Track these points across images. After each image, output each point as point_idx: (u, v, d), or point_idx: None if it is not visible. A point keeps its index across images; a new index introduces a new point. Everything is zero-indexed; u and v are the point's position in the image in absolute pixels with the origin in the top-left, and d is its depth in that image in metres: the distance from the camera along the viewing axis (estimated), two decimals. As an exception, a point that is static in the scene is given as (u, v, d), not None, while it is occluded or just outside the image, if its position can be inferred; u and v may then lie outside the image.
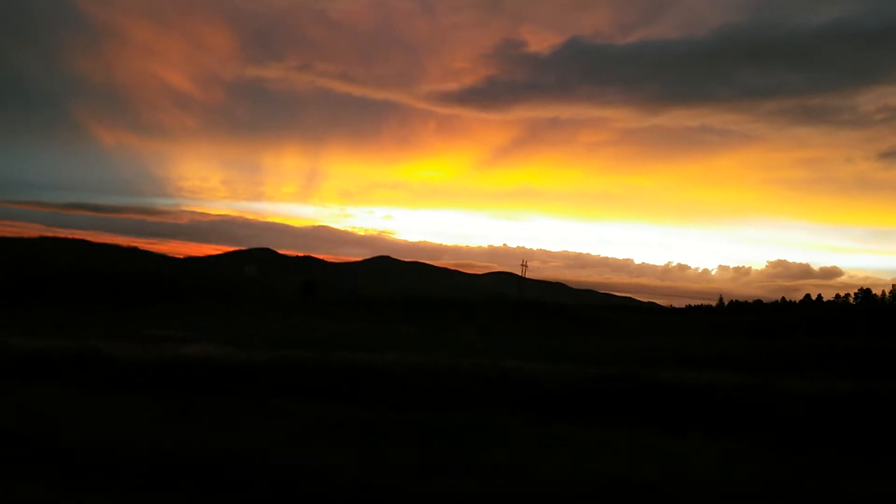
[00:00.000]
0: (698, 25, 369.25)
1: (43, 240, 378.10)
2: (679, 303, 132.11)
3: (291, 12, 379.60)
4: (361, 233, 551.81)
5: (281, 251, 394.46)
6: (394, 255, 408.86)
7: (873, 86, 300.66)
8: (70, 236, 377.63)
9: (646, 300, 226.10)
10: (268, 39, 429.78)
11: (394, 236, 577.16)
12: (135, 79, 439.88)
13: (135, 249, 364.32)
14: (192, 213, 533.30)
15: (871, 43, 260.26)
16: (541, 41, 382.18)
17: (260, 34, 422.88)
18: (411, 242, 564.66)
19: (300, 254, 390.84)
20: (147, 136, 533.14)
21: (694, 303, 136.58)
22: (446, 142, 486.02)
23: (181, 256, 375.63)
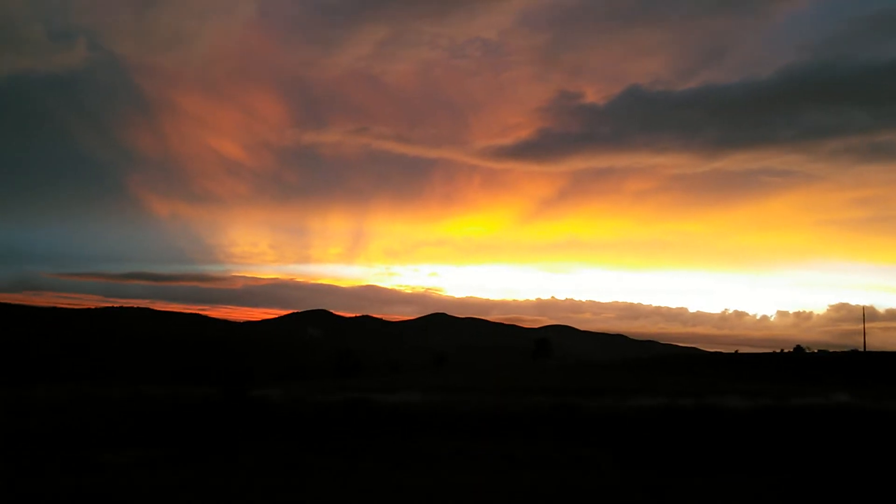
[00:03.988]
0: (761, 66, 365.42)
1: (108, 310, 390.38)
2: (745, 350, 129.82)
3: (346, 79, 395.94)
4: (408, 290, 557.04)
5: (335, 312, 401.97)
6: (445, 312, 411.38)
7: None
8: (131, 305, 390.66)
9: (711, 349, 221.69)
10: (319, 106, 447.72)
11: (440, 293, 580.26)
12: (187, 149, 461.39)
13: (197, 316, 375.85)
14: (244, 277, 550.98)
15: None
16: (598, 91, 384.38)
17: (312, 101, 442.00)
18: (458, 298, 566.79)
19: (354, 314, 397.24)
20: (199, 205, 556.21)
21: (759, 350, 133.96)
22: (492, 197, 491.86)
23: (241, 321, 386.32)
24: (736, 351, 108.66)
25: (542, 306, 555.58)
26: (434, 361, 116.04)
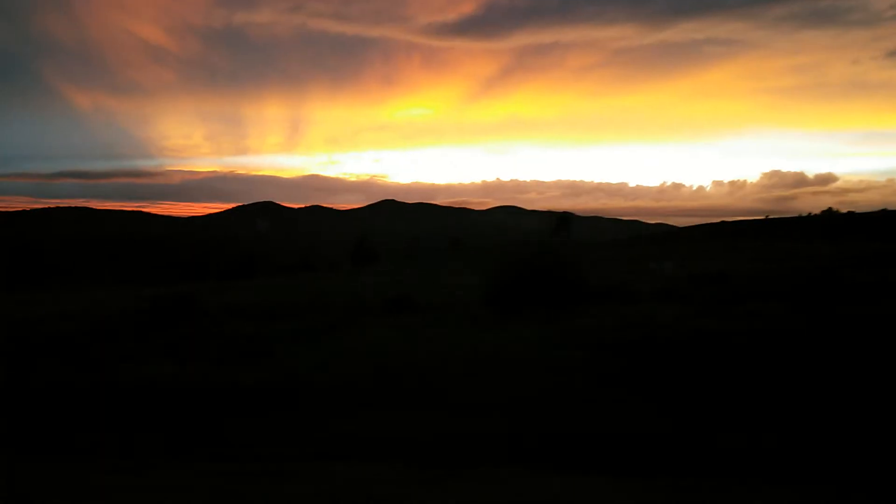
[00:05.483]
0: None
1: (43, 210, 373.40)
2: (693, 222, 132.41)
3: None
4: (353, 178, 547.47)
5: (281, 203, 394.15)
6: (392, 198, 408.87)
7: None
8: (65, 205, 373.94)
9: (652, 221, 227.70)
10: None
11: (386, 179, 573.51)
12: (105, 35, 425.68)
13: (137, 213, 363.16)
14: (180, 171, 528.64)
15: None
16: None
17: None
18: (404, 184, 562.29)
19: (302, 205, 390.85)
20: (123, 96, 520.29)
21: (699, 221, 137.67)
22: (434, 77, 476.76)
23: (185, 216, 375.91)
24: (722, 221, 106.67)
25: (488, 188, 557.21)
26: (451, 245, 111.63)
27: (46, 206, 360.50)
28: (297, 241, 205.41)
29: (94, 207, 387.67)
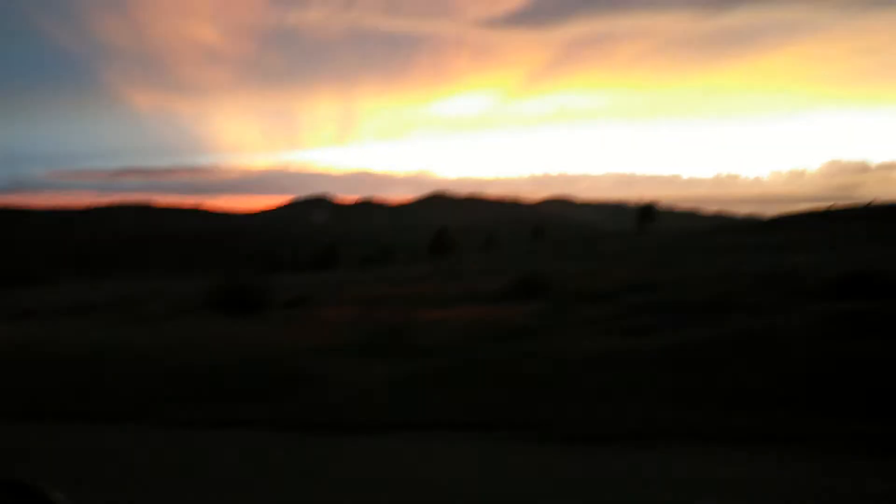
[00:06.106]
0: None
1: (116, 207, 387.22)
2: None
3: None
4: (402, 173, 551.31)
5: (335, 197, 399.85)
6: (442, 191, 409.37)
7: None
8: (128, 201, 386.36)
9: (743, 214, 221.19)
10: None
11: (434, 173, 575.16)
12: (163, 38, 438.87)
13: (198, 210, 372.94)
14: (236, 168, 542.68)
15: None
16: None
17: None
18: (453, 178, 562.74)
19: (354, 199, 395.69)
20: (181, 96, 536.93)
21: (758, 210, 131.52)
22: (483, 70, 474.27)
23: (245, 212, 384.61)
24: (828, 208, 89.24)
25: (537, 180, 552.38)
26: (534, 234, 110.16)
27: (110, 202, 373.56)
28: (351, 235, 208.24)
29: (156, 204, 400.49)
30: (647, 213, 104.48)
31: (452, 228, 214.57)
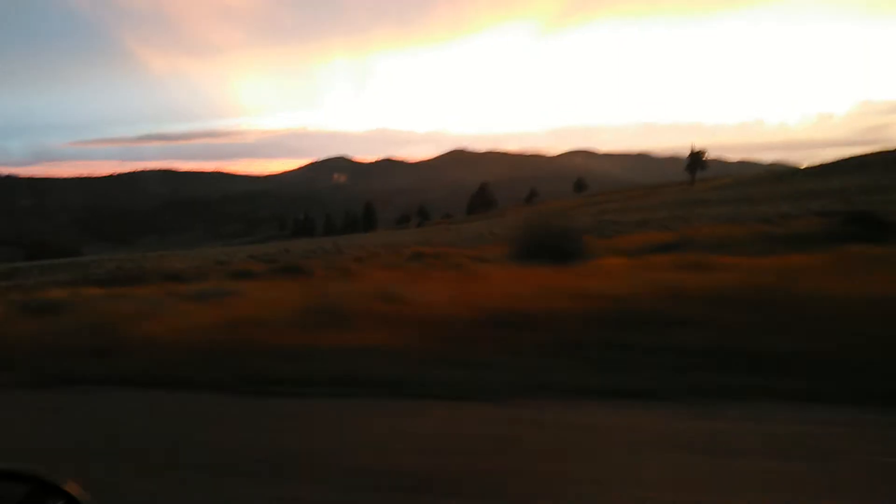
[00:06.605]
0: None
1: (139, 174, 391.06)
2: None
3: None
4: (421, 130, 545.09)
5: (354, 157, 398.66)
6: (461, 147, 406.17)
7: None
8: (151, 168, 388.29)
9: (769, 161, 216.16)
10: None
11: (451, 129, 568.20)
12: None
13: (220, 174, 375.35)
14: (255, 131, 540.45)
15: None
16: None
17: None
18: (472, 134, 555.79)
19: (373, 158, 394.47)
20: (197, 57, 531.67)
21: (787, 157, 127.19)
22: (500, 16, 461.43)
23: (264, 175, 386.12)
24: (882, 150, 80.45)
25: (557, 133, 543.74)
26: (576, 187, 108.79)
27: (133, 169, 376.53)
28: (375, 195, 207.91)
29: (178, 169, 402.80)
30: (696, 162, 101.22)
31: (475, 184, 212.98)
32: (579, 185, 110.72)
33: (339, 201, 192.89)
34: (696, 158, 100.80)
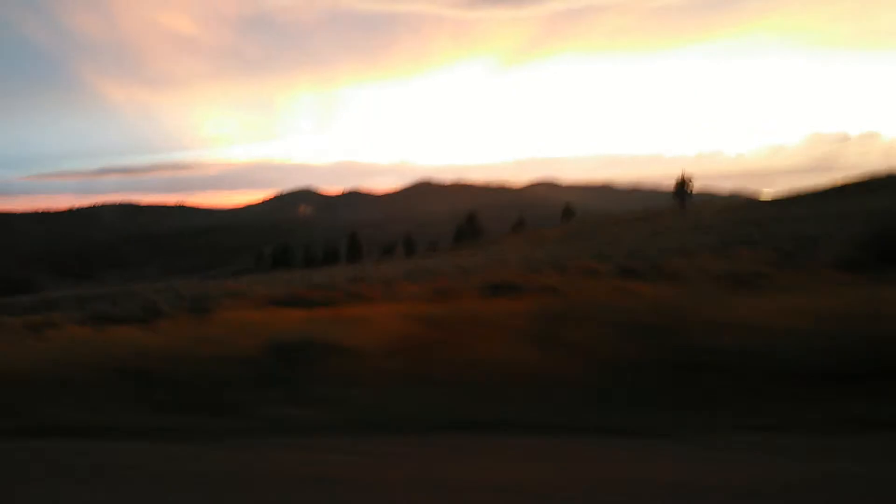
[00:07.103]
0: None
1: (98, 208, 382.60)
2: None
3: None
4: (385, 162, 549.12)
5: (320, 189, 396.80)
6: (427, 179, 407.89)
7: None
8: (110, 201, 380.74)
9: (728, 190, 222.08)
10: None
11: (416, 161, 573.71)
12: (137, 29, 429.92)
13: (181, 207, 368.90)
14: (217, 162, 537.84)
15: None
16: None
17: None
18: (435, 167, 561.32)
19: (339, 190, 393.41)
20: (157, 89, 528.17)
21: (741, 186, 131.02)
22: (462, 50, 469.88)
23: (228, 207, 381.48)
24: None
25: (520, 164, 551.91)
26: (564, 216, 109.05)
27: (92, 203, 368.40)
28: (342, 227, 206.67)
29: (138, 203, 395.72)
30: (683, 191, 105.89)
31: (443, 215, 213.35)
32: (567, 213, 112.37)
33: (307, 233, 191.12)
34: (682, 188, 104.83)
